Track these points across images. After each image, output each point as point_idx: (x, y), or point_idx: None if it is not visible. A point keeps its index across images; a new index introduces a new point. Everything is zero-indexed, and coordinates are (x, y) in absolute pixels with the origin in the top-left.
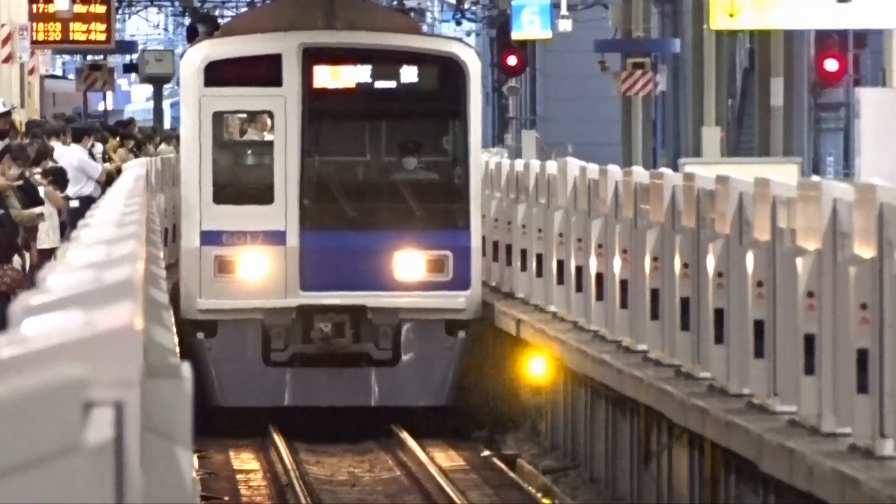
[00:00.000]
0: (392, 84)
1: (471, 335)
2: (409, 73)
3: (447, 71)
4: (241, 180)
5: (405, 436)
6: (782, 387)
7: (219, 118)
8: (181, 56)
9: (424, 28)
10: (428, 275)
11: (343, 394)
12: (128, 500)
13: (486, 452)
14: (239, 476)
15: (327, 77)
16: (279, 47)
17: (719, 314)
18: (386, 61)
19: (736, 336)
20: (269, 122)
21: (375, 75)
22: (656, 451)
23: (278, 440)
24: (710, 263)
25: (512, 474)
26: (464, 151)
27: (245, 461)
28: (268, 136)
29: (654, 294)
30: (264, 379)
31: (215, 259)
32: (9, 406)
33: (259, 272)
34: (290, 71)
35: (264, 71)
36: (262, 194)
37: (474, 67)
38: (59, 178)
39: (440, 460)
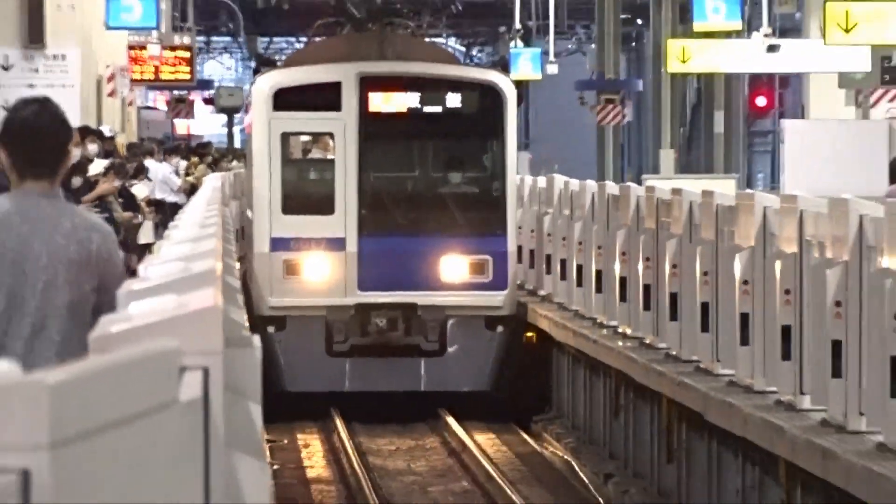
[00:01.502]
0: (438, 108)
1: (507, 330)
2: (453, 99)
3: (487, 96)
4: (306, 193)
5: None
6: (723, 354)
7: (286, 138)
8: (251, 85)
9: None
10: (470, 276)
11: (396, 380)
12: (213, 445)
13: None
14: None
15: (381, 102)
16: (339, 76)
17: (674, 297)
18: (432, 88)
19: (687, 314)
20: (330, 142)
21: (423, 100)
22: (623, 405)
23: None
24: (667, 257)
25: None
26: (501, 167)
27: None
28: (329, 155)
29: (623, 281)
30: (327, 367)
31: (284, 262)
32: (120, 370)
33: (322, 274)
34: (349, 96)
35: (326, 96)
36: (325, 205)
37: (511, 94)
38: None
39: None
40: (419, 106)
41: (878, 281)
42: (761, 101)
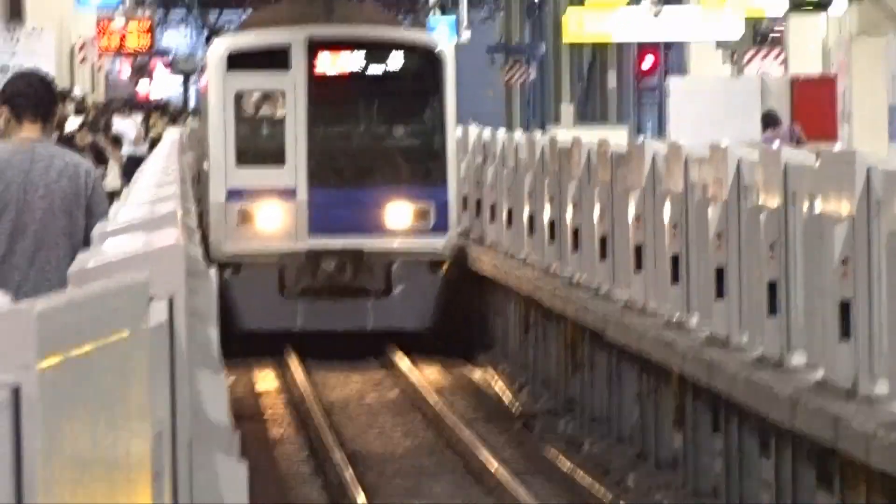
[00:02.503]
0: (382, 68)
1: (449, 272)
2: (396, 59)
3: (427, 57)
4: (258, 146)
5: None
6: (620, 280)
7: (240, 96)
8: (207, 48)
9: None
10: (414, 223)
11: (345, 320)
12: (178, 363)
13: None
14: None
15: (328, 63)
16: (288, 38)
17: (575, 231)
18: (377, 49)
19: (588, 246)
20: (281, 100)
21: (368, 60)
22: (533, 325)
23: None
24: (568, 197)
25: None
26: (441, 122)
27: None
28: (280, 111)
29: (531, 218)
30: (280, 308)
31: (238, 212)
32: (98, 299)
33: (274, 222)
34: (298, 58)
35: (276, 58)
36: (276, 158)
37: (449, 54)
38: (117, 141)
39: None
40: (364, 65)
41: (754, 215)
42: (649, 61)
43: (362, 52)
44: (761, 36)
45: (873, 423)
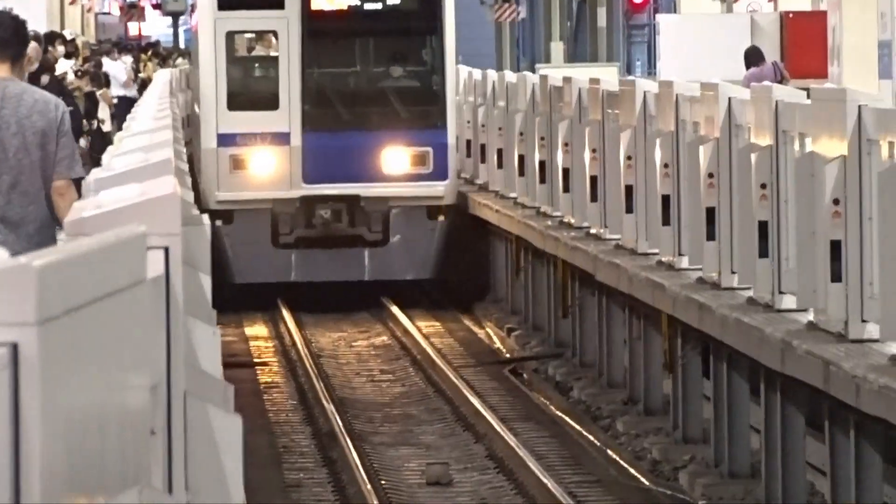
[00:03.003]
0: (378, 5)
1: (449, 219)
2: None
3: None
4: (251, 90)
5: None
6: (610, 221)
7: (231, 36)
8: None
9: None
10: (412, 168)
11: (341, 270)
12: (173, 314)
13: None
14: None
15: (323, 0)
16: None
17: (566, 172)
18: None
19: (578, 187)
20: (273, 40)
21: None
22: (524, 268)
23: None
24: (560, 136)
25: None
26: (441, 62)
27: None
28: (272, 52)
29: (521, 159)
30: (273, 259)
31: (230, 157)
32: (96, 253)
33: (267, 168)
34: None
35: None
36: (269, 101)
37: None
38: (106, 81)
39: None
40: (360, 3)
41: (745, 155)
42: None
43: None
44: None
45: (863, 366)
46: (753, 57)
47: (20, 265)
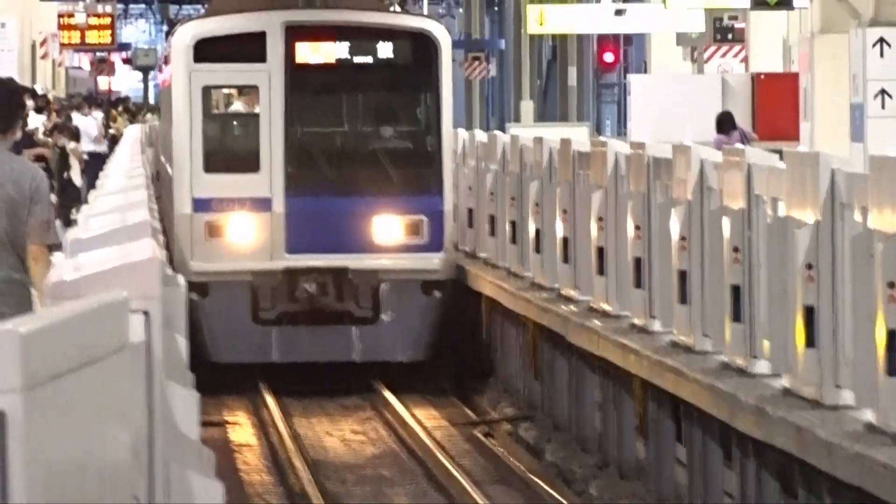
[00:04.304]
0: (369, 59)
1: (445, 295)
2: (384, 48)
3: (420, 46)
4: (229, 150)
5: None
6: (581, 283)
7: (208, 92)
8: (170, 37)
9: None
10: (405, 238)
11: (327, 350)
12: (154, 378)
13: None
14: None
15: (308, 52)
16: (263, 25)
17: (537, 233)
18: (363, 37)
19: (549, 248)
20: (254, 96)
21: (353, 50)
22: (496, 328)
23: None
24: (531, 197)
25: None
26: (436, 121)
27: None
28: (253, 109)
29: (491, 218)
30: (253, 336)
31: (206, 224)
32: (81, 319)
33: (247, 236)
34: (274, 47)
35: (250, 47)
36: (249, 163)
37: (445, 43)
38: (76, 136)
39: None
40: (349, 56)
41: (717, 218)
42: (609, 58)
43: (347, 41)
44: (721, 33)
45: (838, 432)
46: (725, 124)
47: (5, 331)
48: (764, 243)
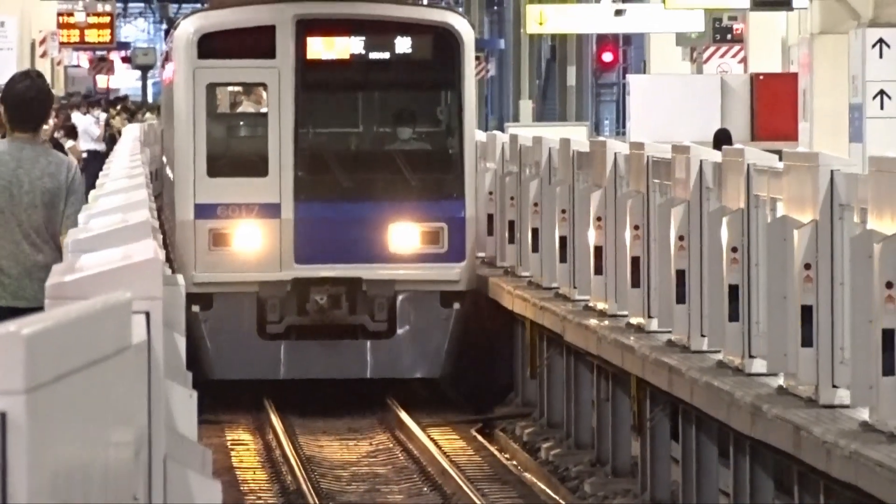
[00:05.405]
0: (386, 54)
1: (465, 307)
2: (403, 44)
3: (441, 41)
4: (235, 152)
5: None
6: (580, 282)
7: (212, 90)
8: (173, 31)
9: None
10: (422, 247)
11: (338, 366)
12: (154, 379)
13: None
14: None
15: (321, 48)
16: (273, 18)
17: (535, 232)
18: (380, 31)
19: (548, 247)
20: (263, 94)
21: (369, 46)
22: (493, 327)
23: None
24: (529, 196)
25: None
26: (458, 122)
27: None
28: (261, 109)
29: (490, 218)
30: (259, 352)
31: (210, 232)
32: (85, 319)
33: (254, 245)
34: (284, 42)
35: (258, 42)
36: (257, 167)
37: (468, 38)
38: (74, 134)
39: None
40: (364, 52)
41: (716, 218)
42: (608, 57)
43: (362, 35)
44: (720, 34)
45: (834, 431)
46: (723, 142)
47: (9, 333)
48: (763, 243)
